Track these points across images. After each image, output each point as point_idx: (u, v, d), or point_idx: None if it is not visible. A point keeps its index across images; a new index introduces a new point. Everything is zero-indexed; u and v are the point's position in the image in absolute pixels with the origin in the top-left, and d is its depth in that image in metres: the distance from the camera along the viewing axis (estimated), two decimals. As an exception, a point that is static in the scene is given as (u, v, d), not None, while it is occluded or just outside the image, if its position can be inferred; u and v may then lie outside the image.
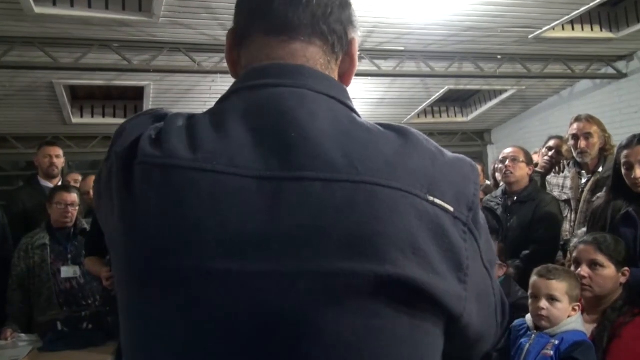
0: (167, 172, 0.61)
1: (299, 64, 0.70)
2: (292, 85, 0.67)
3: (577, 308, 1.92)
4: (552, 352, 1.84)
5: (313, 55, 0.71)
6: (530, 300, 1.99)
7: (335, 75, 0.75)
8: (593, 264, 1.98)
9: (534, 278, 2.00)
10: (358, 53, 0.79)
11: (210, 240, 0.59)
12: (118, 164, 0.65)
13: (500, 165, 3.30)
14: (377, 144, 0.63)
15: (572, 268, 2.06)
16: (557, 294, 1.90)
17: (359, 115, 0.69)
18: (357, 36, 0.77)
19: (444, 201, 0.62)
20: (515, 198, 3.23)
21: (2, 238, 3.21)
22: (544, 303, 1.91)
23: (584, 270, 1.98)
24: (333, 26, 0.72)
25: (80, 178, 4.17)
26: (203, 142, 0.62)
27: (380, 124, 0.68)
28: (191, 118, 0.67)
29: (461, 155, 0.69)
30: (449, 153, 0.68)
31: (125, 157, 0.64)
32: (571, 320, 1.90)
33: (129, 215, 0.63)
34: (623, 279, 1.97)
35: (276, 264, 0.58)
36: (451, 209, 0.62)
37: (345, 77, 0.77)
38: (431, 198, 0.61)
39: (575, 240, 2.47)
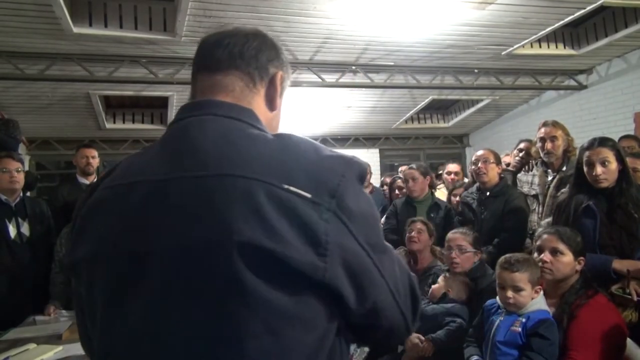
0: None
1: (207, 98, 0.79)
2: (198, 115, 0.76)
3: (538, 290, 1.91)
4: (519, 329, 1.84)
5: (231, 82, 0.80)
6: (497, 289, 1.98)
7: (257, 97, 0.82)
8: (554, 251, 1.97)
9: (498, 270, 1.98)
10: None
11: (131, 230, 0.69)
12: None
13: (474, 167, 3.30)
14: (251, 148, 0.70)
15: (535, 254, 2.05)
16: (521, 284, 1.89)
17: (259, 129, 0.76)
18: (284, 72, 0.86)
19: (298, 189, 0.65)
20: (488, 193, 3.23)
21: (47, 228, 3.21)
22: (510, 293, 1.91)
23: (546, 256, 1.97)
24: (248, 60, 0.81)
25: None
26: (132, 167, 0.76)
27: (276, 134, 0.76)
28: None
29: (339, 154, 0.72)
30: (327, 152, 0.72)
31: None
32: (535, 301, 1.90)
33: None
34: (579, 267, 1.96)
35: (163, 240, 0.66)
36: (308, 195, 0.65)
37: (272, 101, 0.84)
38: (286, 186, 0.65)
39: (539, 229, 2.46)
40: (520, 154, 3.58)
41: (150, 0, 4.22)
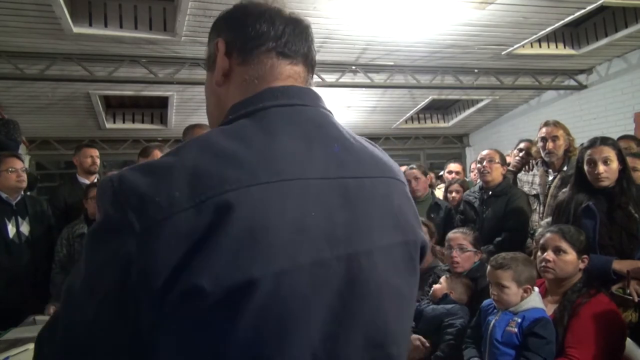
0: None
1: (306, 86, 0.75)
2: (312, 104, 0.72)
3: (529, 290, 1.92)
4: (516, 329, 1.84)
5: (305, 76, 0.77)
6: (490, 287, 2.01)
7: None
8: (557, 250, 1.97)
9: (488, 268, 2.01)
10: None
11: (316, 235, 0.61)
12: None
13: (479, 166, 3.31)
14: (376, 151, 0.76)
15: (539, 253, 2.05)
16: (504, 282, 1.91)
17: None
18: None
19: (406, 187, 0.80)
20: (490, 192, 3.23)
21: (48, 227, 3.21)
22: (495, 289, 1.94)
23: (549, 255, 1.97)
24: (314, 55, 0.79)
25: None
26: (275, 158, 0.61)
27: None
28: (232, 139, 0.62)
29: None
30: None
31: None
32: (529, 299, 1.90)
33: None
34: (582, 265, 1.96)
35: (358, 246, 0.64)
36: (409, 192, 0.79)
37: None
38: (407, 186, 0.79)
39: (540, 229, 2.46)
40: (521, 154, 3.58)
41: (150, 0, 4.22)
